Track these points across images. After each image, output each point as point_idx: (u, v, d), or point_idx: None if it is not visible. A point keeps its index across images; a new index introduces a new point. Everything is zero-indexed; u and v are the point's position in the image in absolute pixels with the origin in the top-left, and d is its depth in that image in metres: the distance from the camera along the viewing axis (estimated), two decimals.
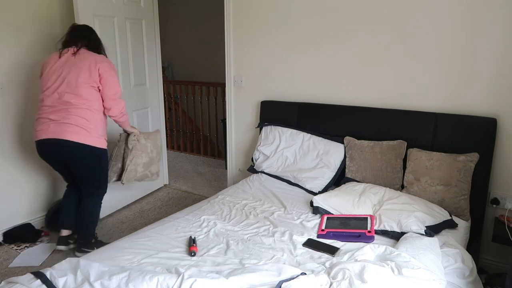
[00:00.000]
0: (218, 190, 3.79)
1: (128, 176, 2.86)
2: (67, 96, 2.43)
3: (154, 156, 2.99)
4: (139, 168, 2.89)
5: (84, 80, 2.44)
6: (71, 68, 2.45)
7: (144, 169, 2.93)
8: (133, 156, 2.85)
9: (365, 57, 2.70)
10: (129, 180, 2.88)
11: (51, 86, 2.47)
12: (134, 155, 2.86)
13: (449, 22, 2.38)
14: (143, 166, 2.91)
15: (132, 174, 2.87)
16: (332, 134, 2.81)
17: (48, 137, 2.43)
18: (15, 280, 1.49)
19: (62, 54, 2.52)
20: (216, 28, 5.59)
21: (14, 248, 2.86)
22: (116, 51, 3.30)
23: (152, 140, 2.97)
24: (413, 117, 2.51)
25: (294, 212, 2.32)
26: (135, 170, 2.88)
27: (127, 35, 3.40)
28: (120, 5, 3.28)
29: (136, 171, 2.88)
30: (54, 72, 2.48)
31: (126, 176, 2.86)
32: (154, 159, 3.00)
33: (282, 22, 3.00)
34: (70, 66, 2.47)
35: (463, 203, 2.26)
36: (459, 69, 2.40)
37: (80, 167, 2.57)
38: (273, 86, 3.17)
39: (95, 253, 1.83)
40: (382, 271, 1.49)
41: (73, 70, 2.45)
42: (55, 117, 2.43)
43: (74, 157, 2.50)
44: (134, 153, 2.86)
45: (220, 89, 5.09)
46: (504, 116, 2.32)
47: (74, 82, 2.43)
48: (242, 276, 1.50)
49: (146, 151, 2.91)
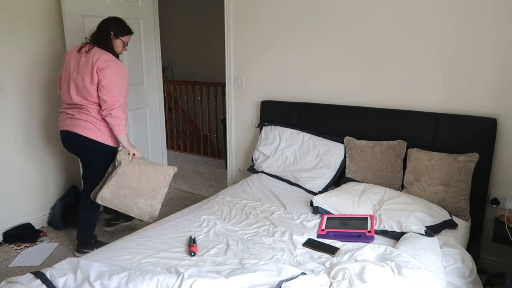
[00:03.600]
0: (218, 190, 3.78)
1: (103, 195, 2.43)
2: (78, 99, 2.52)
3: (149, 191, 2.50)
4: (120, 192, 2.45)
5: (89, 85, 2.47)
6: (78, 71, 2.50)
7: (129, 199, 2.47)
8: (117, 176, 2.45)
9: (366, 57, 2.70)
10: (104, 200, 2.45)
11: (64, 87, 2.58)
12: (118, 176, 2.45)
13: (449, 22, 2.38)
14: (127, 193, 2.47)
15: (107, 194, 2.44)
16: (332, 134, 2.81)
17: (64, 129, 2.58)
18: (15, 280, 1.49)
19: (80, 50, 2.54)
20: (216, 28, 5.59)
21: (14, 248, 2.86)
22: None
23: (158, 172, 2.51)
24: (413, 117, 2.51)
25: (294, 212, 2.32)
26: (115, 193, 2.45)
27: None
28: (114, 5, 3.27)
29: (116, 193, 2.45)
30: (66, 74, 2.57)
31: (101, 194, 2.43)
32: (147, 194, 2.49)
33: (282, 22, 3.00)
34: (78, 68, 2.51)
35: (463, 203, 2.26)
36: (459, 69, 2.40)
37: (88, 162, 2.63)
38: (273, 86, 3.16)
39: (95, 253, 1.83)
40: (382, 271, 1.49)
41: (80, 73, 2.49)
42: (71, 112, 2.56)
43: (83, 150, 2.60)
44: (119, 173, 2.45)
45: (220, 89, 5.09)
46: (504, 116, 2.32)
47: (82, 86, 2.49)
48: (242, 276, 1.50)
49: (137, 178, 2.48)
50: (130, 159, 2.52)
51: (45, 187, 3.22)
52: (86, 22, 3.06)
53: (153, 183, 2.51)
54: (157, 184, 2.52)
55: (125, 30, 2.61)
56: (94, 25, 3.19)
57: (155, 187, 2.51)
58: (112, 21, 2.59)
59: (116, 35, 2.57)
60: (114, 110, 2.45)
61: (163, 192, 2.54)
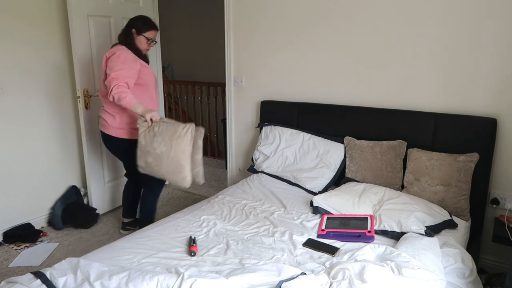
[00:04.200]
0: (218, 190, 3.79)
1: (139, 164, 2.44)
2: (101, 92, 2.67)
3: (168, 155, 2.34)
4: (148, 160, 2.42)
5: (104, 76, 2.57)
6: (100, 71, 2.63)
7: (156, 165, 2.39)
8: (139, 145, 2.45)
9: (365, 57, 2.70)
10: (141, 169, 2.45)
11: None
12: (139, 145, 2.45)
13: (449, 22, 2.38)
14: (152, 160, 2.41)
15: (141, 163, 2.45)
16: (332, 134, 2.81)
17: None
18: (15, 280, 1.49)
19: None
20: (216, 28, 5.59)
21: (14, 248, 2.86)
22: None
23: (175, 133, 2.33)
24: (413, 117, 2.51)
25: (294, 212, 2.32)
26: (145, 162, 2.44)
27: None
28: (117, 4, 3.28)
29: (146, 162, 2.43)
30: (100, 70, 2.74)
31: (138, 163, 2.45)
32: (169, 159, 2.34)
33: (282, 22, 3.00)
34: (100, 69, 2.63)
35: (463, 203, 2.26)
36: (459, 69, 2.40)
37: (118, 157, 2.84)
38: (273, 86, 3.16)
39: (95, 253, 1.83)
40: (382, 271, 1.49)
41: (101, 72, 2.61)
42: None
43: (107, 146, 2.79)
44: (139, 142, 2.45)
45: (220, 89, 5.10)
46: (504, 116, 2.32)
47: (102, 78, 2.63)
48: (242, 276, 1.50)
49: (151, 144, 2.38)
50: (150, 124, 2.41)
51: (45, 187, 3.22)
52: (91, 22, 3.06)
53: (173, 147, 2.31)
54: (176, 147, 2.31)
55: (148, 26, 2.62)
56: (99, 25, 3.21)
57: (175, 149, 2.31)
58: (136, 18, 2.63)
59: (139, 31, 2.59)
60: (114, 87, 2.39)
61: (186, 154, 2.32)
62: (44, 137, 3.16)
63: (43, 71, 3.08)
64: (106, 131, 2.68)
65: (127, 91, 2.41)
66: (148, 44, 2.66)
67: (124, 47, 2.55)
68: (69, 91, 3.28)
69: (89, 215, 3.21)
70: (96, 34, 3.12)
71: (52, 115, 3.19)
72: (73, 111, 3.34)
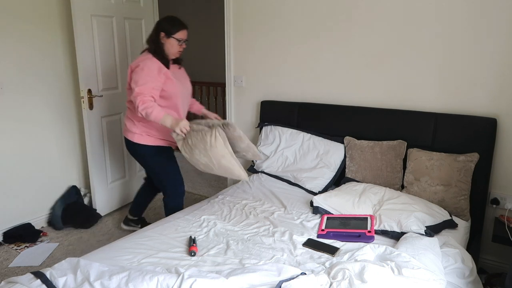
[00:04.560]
0: (218, 190, 3.79)
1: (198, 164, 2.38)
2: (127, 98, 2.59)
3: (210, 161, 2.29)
4: (201, 167, 2.38)
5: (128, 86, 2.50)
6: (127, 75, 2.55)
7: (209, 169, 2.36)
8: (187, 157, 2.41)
9: (365, 57, 2.70)
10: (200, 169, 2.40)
11: None
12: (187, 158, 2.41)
13: (449, 22, 2.38)
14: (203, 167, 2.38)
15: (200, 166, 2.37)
16: (332, 134, 2.81)
17: None
18: (15, 280, 1.49)
19: None
20: (216, 28, 5.59)
21: (14, 248, 2.86)
22: (114, 51, 3.30)
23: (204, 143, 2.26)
24: (413, 117, 2.51)
25: (294, 212, 2.32)
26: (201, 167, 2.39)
27: (126, 35, 3.39)
28: (119, 4, 3.28)
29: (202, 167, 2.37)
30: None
31: None
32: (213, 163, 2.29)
33: (282, 22, 3.00)
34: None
35: (463, 203, 2.26)
36: (459, 69, 2.40)
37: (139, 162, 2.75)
38: (273, 86, 3.17)
39: (95, 253, 1.83)
40: (382, 271, 1.49)
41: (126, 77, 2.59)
42: None
43: (129, 151, 2.71)
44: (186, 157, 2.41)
45: (220, 89, 5.10)
46: (504, 116, 2.32)
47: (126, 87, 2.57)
48: (242, 276, 1.50)
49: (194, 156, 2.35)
50: (184, 136, 2.33)
51: (45, 187, 3.22)
52: (94, 22, 3.06)
53: (212, 157, 2.26)
54: (214, 156, 2.24)
55: (178, 26, 2.43)
56: (101, 25, 3.18)
57: (215, 158, 2.25)
58: (163, 20, 2.45)
59: (168, 34, 2.41)
60: (140, 103, 2.30)
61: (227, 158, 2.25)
62: (44, 137, 3.16)
63: (44, 71, 3.08)
64: (126, 136, 2.63)
65: (153, 105, 2.32)
66: (180, 46, 2.49)
67: (149, 57, 2.41)
68: (70, 91, 3.28)
69: (89, 215, 3.21)
70: (99, 34, 3.12)
71: (53, 115, 3.19)
72: (74, 111, 3.34)
